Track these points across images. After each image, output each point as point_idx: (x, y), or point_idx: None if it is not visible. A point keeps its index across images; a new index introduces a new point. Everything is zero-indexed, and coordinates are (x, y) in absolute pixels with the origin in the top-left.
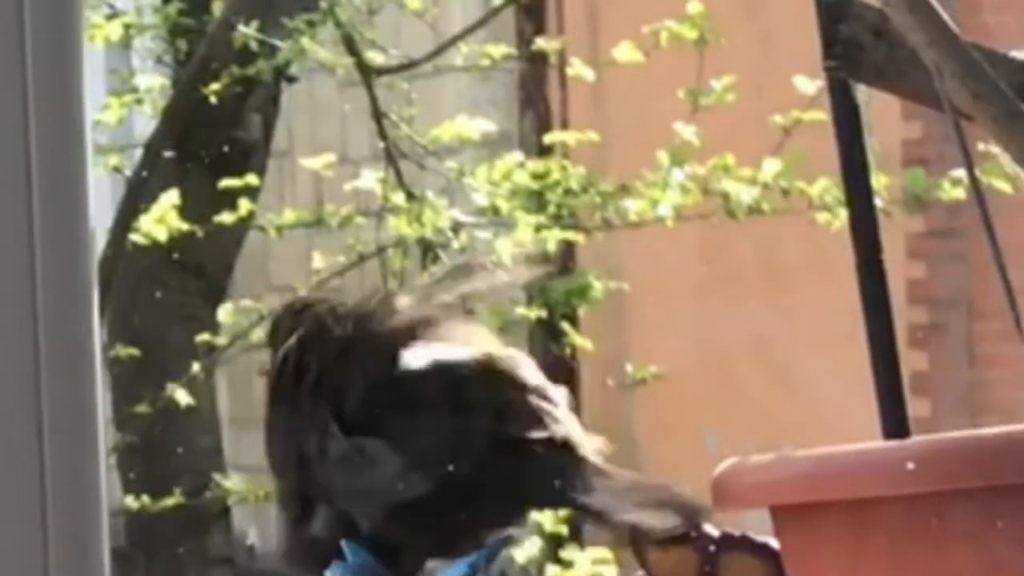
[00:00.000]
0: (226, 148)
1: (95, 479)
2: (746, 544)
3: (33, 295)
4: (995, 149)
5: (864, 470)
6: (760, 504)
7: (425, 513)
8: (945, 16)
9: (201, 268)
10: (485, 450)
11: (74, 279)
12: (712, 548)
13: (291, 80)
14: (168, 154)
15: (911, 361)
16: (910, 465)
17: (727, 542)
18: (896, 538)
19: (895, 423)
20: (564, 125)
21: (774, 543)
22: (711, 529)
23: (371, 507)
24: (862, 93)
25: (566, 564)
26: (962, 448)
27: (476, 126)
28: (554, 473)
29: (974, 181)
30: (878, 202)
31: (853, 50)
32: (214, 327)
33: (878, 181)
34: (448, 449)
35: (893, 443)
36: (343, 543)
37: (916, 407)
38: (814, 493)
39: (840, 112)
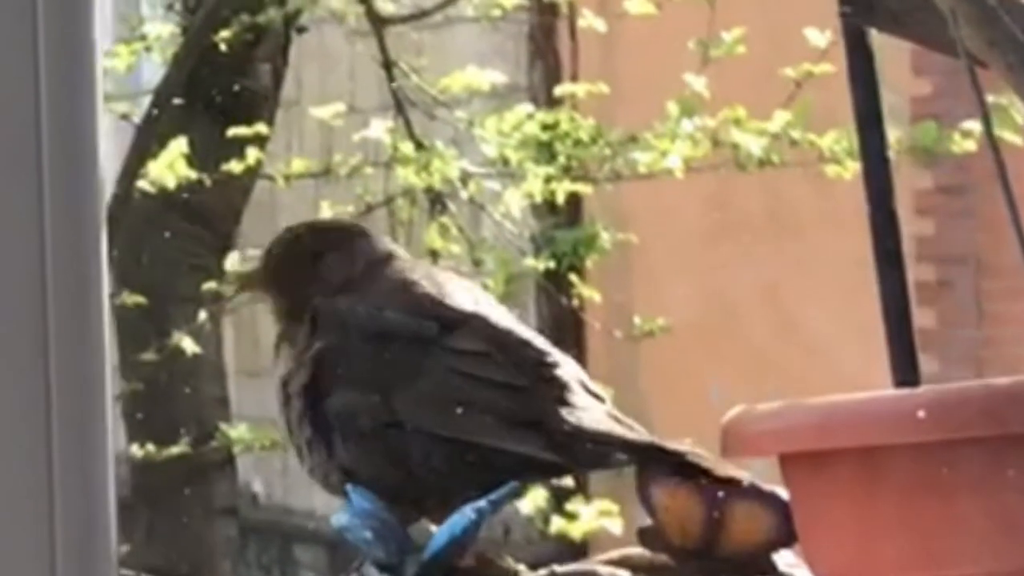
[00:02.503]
0: (235, 96)
1: (102, 438)
2: (754, 492)
3: (42, 241)
4: (1005, 100)
5: (874, 418)
6: (769, 452)
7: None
8: None
9: (208, 216)
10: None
11: (83, 226)
12: (720, 495)
13: (301, 30)
14: (177, 101)
15: (919, 318)
16: (920, 413)
17: (735, 490)
18: (905, 486)
19: (906, 373)
20: (573, 77)
21: (781, 492)
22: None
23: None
24: (876, 40)
25: (571, 516)
26: (972, 397)
27: (487, 77)
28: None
29: (988, 127)
30: (890, 155)
31: None
32: (221, 276)
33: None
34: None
35: (903, 391)
36: (348, 488)
37: (924, 364)
38: (824, 441)
39: (854, 59)
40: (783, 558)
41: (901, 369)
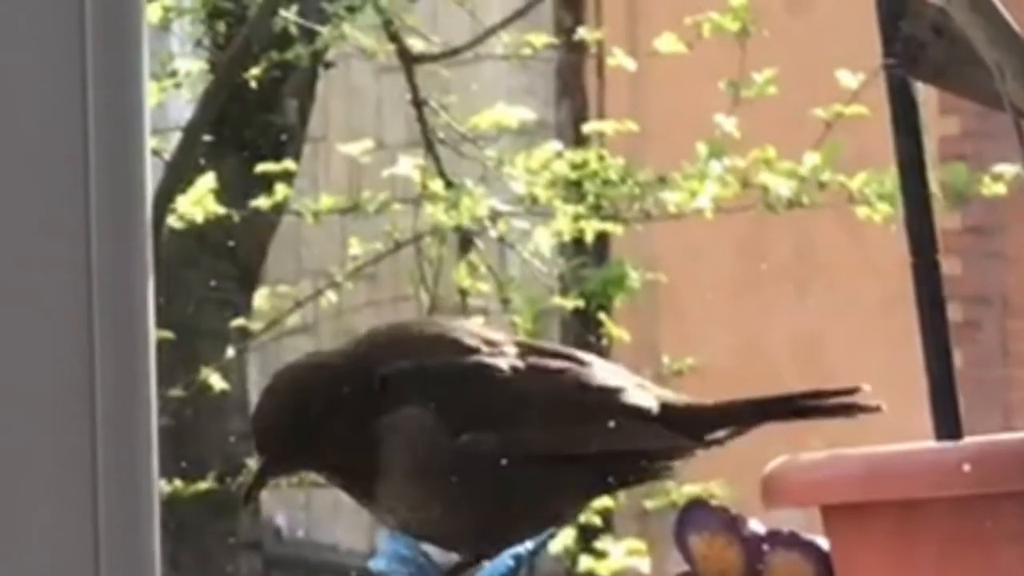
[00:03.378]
0: (262, 132)
1: (147, 464)
2: (795, 542)
3: (89, 279)
4: None
5: (918, 471)
6: (811, 503)
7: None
8: (1007, 15)
9: (235, 252)
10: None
11: (130, 264)
12: (760, 545)
13: (328, 65)
14: (206, 138)
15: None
16: (966, 467)
17: (775, 539)
18: (945, 539)
19: (948, 424)
20: (600, 115)
21: (821, 541)
22: (757, 525)
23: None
24: (920, 92)
25: (599, 554)
26: (1018, 451)
27: (515, 114)
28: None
29: None
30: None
31: (913, 48)
32: (247, 311)
33: None
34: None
35: (947, 444)
36: (382, 535)
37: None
38: (867, 493)
39: (899, 109)
40: None
41: (944, 421)
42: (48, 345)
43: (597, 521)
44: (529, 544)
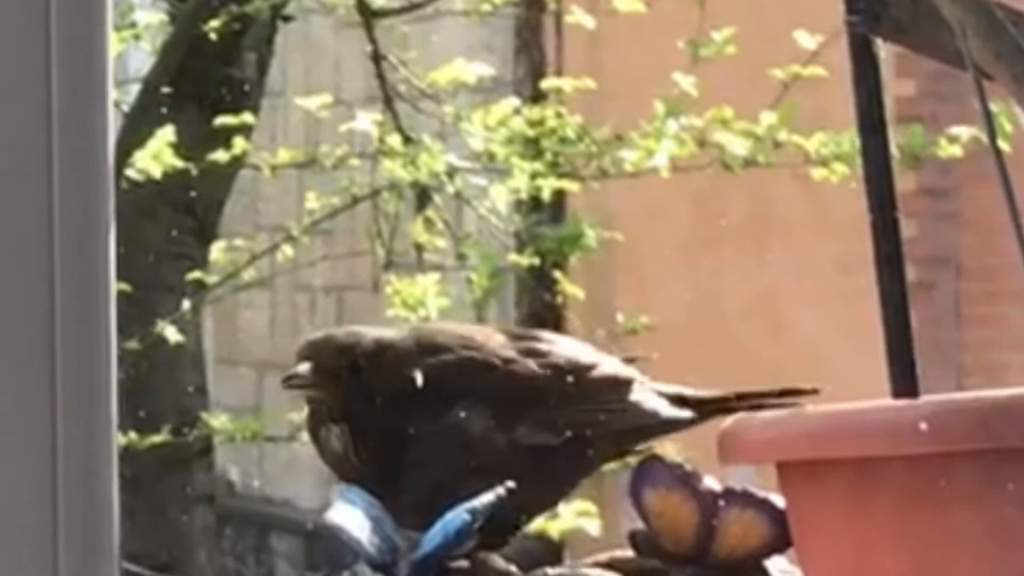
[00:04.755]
0: (221, 85)
1: (107, 428)
2: (749, 499)
3: (50, 230)
4: (996, 108)
5: (874, 429)
6: (767, 459)
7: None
8: None
9: (192, 206)
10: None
11: (91, 216)
12: (715, 502)
13: (287, 19)
14: (165, 90)
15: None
16: (923, 425)
17: (731, 496)
18: (901, 497)
19: (905, 382)
20: (558, 72)
21: (775, 499)
22: (712, 483)
23: None
24: (880, 50)
25: (549, 515)
26: (974, 410)
27: (474, 70)
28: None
29: (994, 140)
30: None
31: (875, 5)
32: (204, 265)
33: None
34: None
35: (903, 402)
36: (336, 489)
37: None
38: (822, 450)
39: (860, 68)
40: (776, 564)
41: (900, 379)
42: (8, 298)
43: None
44: (485, 498)
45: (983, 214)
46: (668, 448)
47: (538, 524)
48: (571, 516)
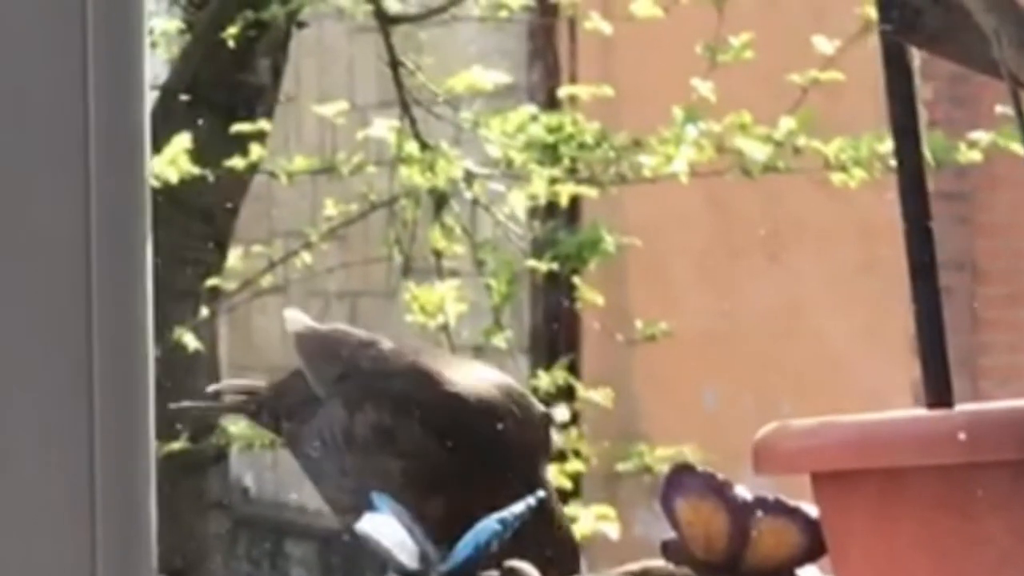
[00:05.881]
0: (236, 91)
1: (145, 434)
2: (781, 508)
3: (87, 232)
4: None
5: (913, 439)
6: (802, 469)
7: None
8: None
9: (208, 212)
10: None
11: (128, 223)
12: (746, 510)
13: (301, 25)
14: (184, 97)
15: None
16: (962, 436)
17: (761, 505)
18: (932, 506)
19: (939, 392)
20: (572, 78)
21: (807, 507)
22: (743, 491)
23: None
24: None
25: (570, 519)
26: (1010, 421)
27: (491, 77)
28: None
29: None
30: (892, 163)
31: (909, 14)
32: (219, 271)
33: (887, 141)
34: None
35: (940, 412)
36: (372, 494)
37: (919, 369)
38: (860, 460)
39: (893, 76)
40: (807, 573)
41: (934, 388)
42: (47, 307)
43: (567, 485)
44: (516, 508)
45: (999, 217)
46: (686, 451)
47: None
48: (591, 520)
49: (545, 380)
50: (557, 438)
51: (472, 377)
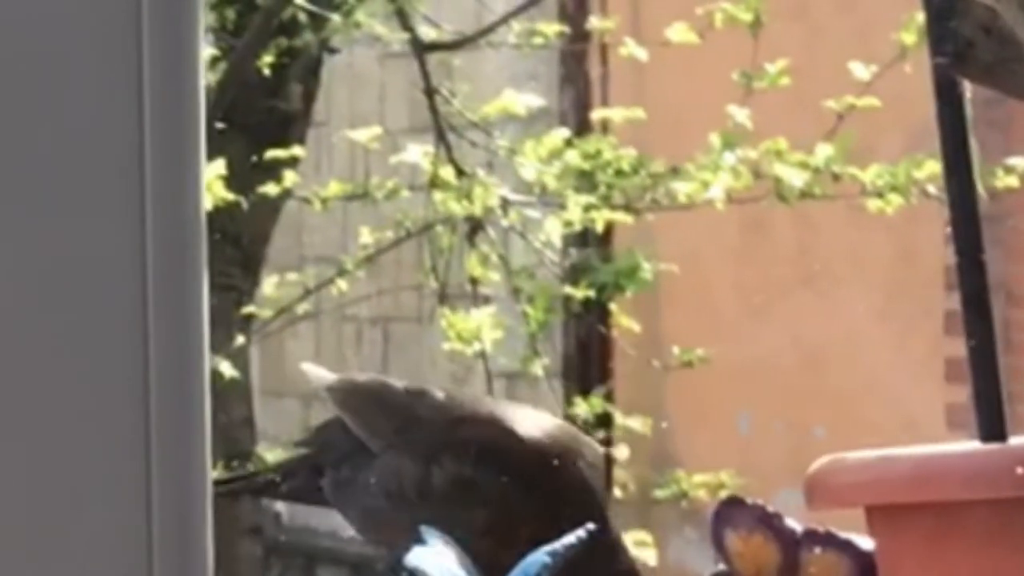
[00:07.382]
0: (268, 117)
1: (201, 448)
2: (832, 540)
3: (143, 260)
4: None
5: (969, 473)
6: (856, 503)
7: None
8: None
9: (239, 238)
10: None
11: (183, 256)
12: (796, 542)
13: (332, 51)
14: (220, 125)
15: (948, 348)
16: (1020, 470)
17: (812, 538)
18: (987, 539)
19: (993, 425)
20: (604, 102)
21: (858, 541)
22: (794, 524)
23: None
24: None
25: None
26: None
27: (524, 101)
28: None
29: None
30: (930, 188)
31: (961, 46)
32: (251, 297)
33: (924, 168)
34: None
35: (995, 447)
36: (421, 528)
37: (954, 393)
38: (915, 494)
39: (945, 109)
40: None
41: (988, 421)
42: (102, 332)
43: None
44: (566, 540)
45: None
46: (723, 476)
47: None
48: (628, 546)
49: (583, 407)
50: None
51: (537, 422)
